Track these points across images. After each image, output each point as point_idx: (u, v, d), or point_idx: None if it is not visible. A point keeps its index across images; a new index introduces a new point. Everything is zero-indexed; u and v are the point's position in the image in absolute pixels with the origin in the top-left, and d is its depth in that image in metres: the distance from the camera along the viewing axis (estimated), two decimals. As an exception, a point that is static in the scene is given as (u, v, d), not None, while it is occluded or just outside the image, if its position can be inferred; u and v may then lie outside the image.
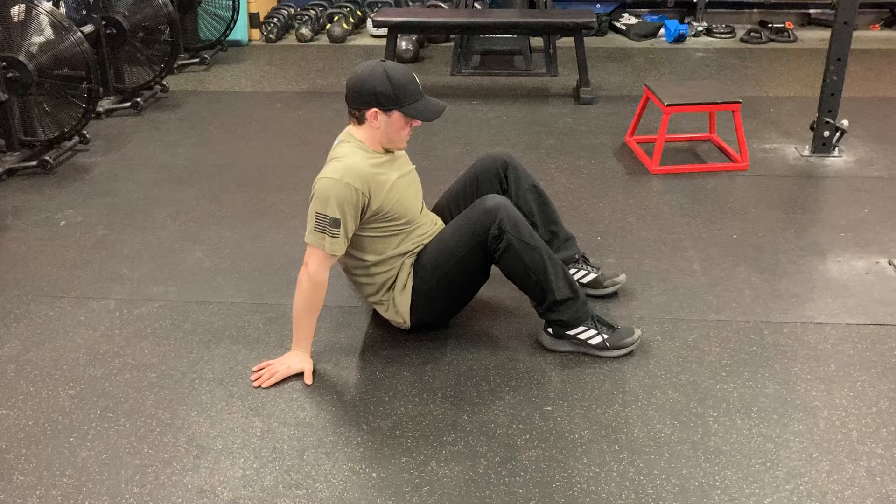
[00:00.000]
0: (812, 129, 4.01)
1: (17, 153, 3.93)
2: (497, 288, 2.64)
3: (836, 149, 4.00)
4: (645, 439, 2.13)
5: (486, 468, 2.04)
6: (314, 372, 2.39)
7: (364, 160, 2.36)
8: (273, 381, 2.35)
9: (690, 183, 3.72)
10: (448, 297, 2.53)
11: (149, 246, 3.21)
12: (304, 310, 2.37)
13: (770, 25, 6.39)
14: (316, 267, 2.32)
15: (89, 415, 2.25)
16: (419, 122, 2.40)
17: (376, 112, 2.33)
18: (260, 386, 2.34)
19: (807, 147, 4.05)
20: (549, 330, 2.50)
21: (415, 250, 2.48)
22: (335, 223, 2.28)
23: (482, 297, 2.65)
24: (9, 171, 3.85)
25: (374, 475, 2.02)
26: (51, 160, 3.90)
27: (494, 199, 2.40)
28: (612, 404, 2.27)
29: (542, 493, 1.96)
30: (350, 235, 2.34)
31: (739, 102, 3.84)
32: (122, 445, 2.13)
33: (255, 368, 2.41)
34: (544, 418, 2.22)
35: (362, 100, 2.33)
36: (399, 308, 2.49)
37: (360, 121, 2.37)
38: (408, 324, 2.52)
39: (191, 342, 2.57)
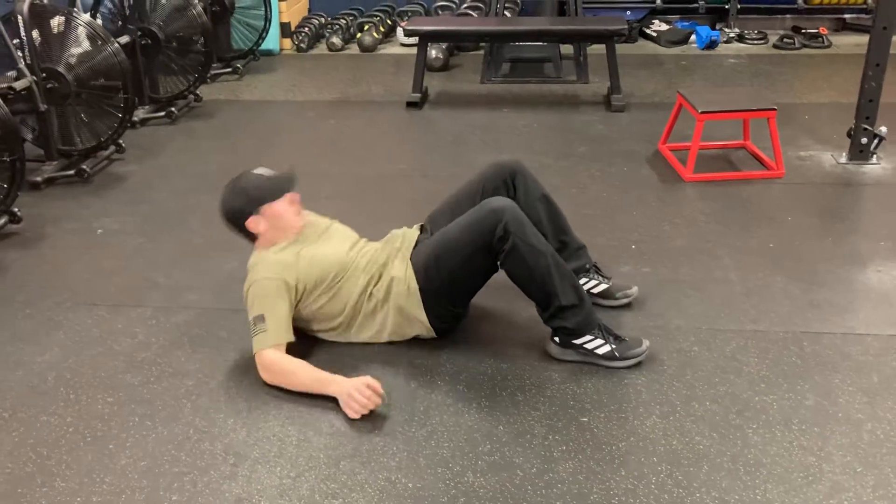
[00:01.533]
0: (849, 135, 3.95)
1: (56, 162, 4.00)
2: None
3: (874, 156, 3.94)
4: (683, 451, 2.11)
5: (522, 479, 2.03)
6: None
7: (271, 254, 2.48)
8: (367, 409, 2.25)
9: (725, 191, 3.68)
10: (458, 291, 2.52)
11: (184, 254, 3.25)
12: (294, 377, 2.33)
13: (804, 31, 6.32)
14: (269, 360, 2.35)
15: (128, 422, 2.27)
16: (297, 195, 2.56)
17: (255, 220, 2.49)
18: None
19: (843, 154, 4.00)
20: (556, 339, 2.48)
21: (377, 272, 2.49)
22: (261, 318, 2.37)
23: (518, 306, 2.63)
24: (47, 180, 3.91)
25: (409, 485, 2.02)
26: (88, 169, 3.96)
27: (500, 201, 2.41)
28: (650, 415, 2.24)
29: (579, 506, 1.94)
30: (287, 319, 2.39)
31: (775, 109, 3.80)
32: (160, 453, 2.15)
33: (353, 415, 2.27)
34: (581, 429, 2.20)
35: (239, 221, 2.52)
36: (412, 313, 2.47)
37: (254, 237, 2.53)
38: (428, 325, 2.49)
39: (226, 350, 2.58)
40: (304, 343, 2.53)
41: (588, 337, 2.43)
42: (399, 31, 6.50)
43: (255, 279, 2.44)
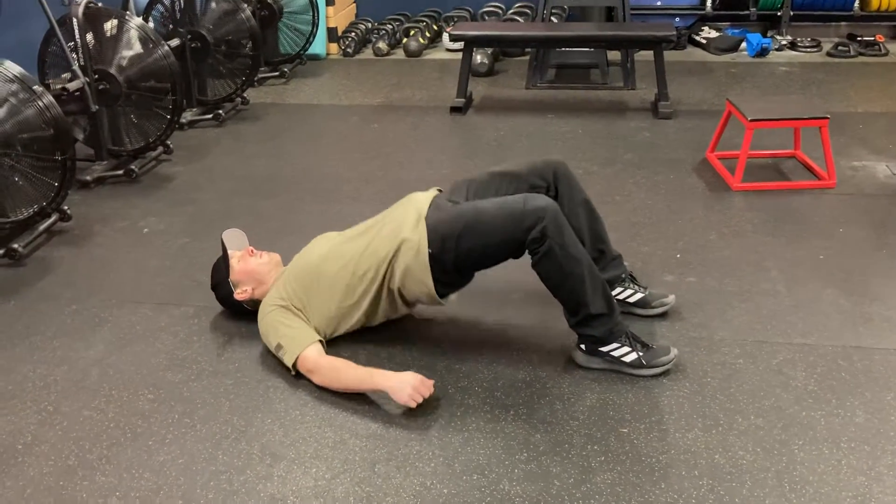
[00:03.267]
0: (906, 146, 3.84)
1: (105, 162, 4.07)
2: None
3: (932, 167, 3.81)
4: (726, 466, 2.05)
5: (559, 489, 1.99)
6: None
7: (267, 298, 2.57)
8: (420, 397, 2.24)
9: (774, 200, 3.60)
10: (469, 267, 2.45)
11: (227, 254, 3.27)
12: (343, 374, 2.34)
13: (859, 38, 6.16)
14: (311, 361, 2.37)
15: (167, 419, 2.30)
16: (245, 246, 2.70)
17: (238, 293, 2.63)
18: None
19: (899, 165, 3.88)
20: (583, 346, 2.44)
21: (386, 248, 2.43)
22: (279, 344, 2.43)
23: (556, 315, 2.59)
24: (97, 179, 4.00)
25: (444, 491, 2.00)
26: (136, 169, 4.03)
27: (544, 200, 2.33)
28: (692, 428, 2.19)
29: (617, 518, 1.90)
30: (303, 325, 2.45)
31: (827, 118, 3.70)
32: (198, 451, 2.17)
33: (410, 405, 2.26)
34: (620, 440, 2.16)
35: (235, 304, 2.69)
36: (417, 275, 2.38)
37: (251, 304, 2.65)
38: (433, 290, 2.40)
39: (266, 350, 2.59)
40: (339, 354, 2.53)
41: (615, 344, 2.39)
42: (445, 36, 6.50)
43: (259, 323, 2.55)
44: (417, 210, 2.47)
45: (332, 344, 2.52)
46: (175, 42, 4.61)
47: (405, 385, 2.25)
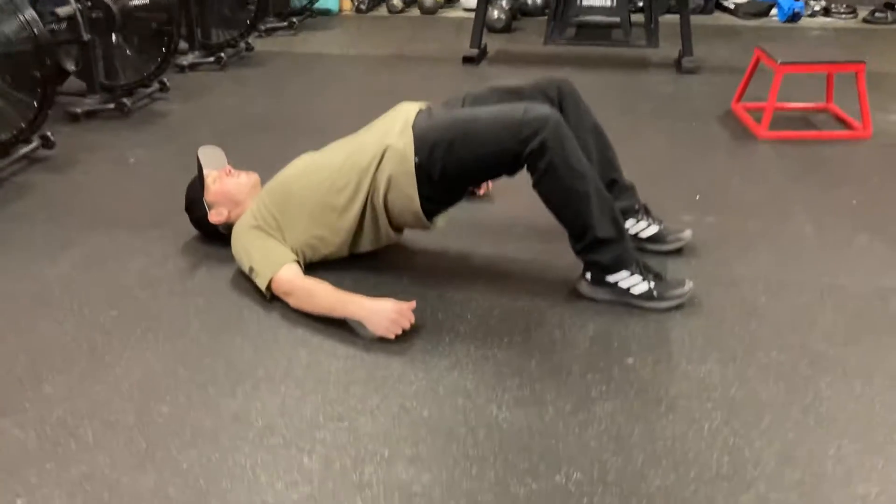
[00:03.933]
0: (948, 98, 3.57)
1: (97, 96, 3.89)
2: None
3: (976, 121, 3.54)
4: (743, 399, 1.82)
5: (553, 417, 1.77)
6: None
7: (242, 220, 2.35)
8: (401, 328, 2.04)
9: (804, 149, 3.34)
10: (457, 181, 2.21)
11: (215, 185, 3.07)
12: (316, 298, 2.12)
13: (897, 5, 5.86)
14: (284, 283, 2.16)
15: (129, 335, 2.10)
16: (224, 166, 2.50)
17: (212, 214, 2.42)
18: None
19: (940, 119, 3.61)
20: (588, 275, 2.20)
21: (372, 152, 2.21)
22: (251, 268, 2.23)
23: (559, 241, 2.35)
24: (87, 112, 3.81)
25: (425, 413, 1.79)
26: (128, 104, 3.84)
27: (545, 110, 2.09)
28: (705, 361, 1.96)
29: (618, 447, 1.68)
30: (276, 245, 2.23)
31: (864, 62, 3.44)
32: (158, 366, 1.97)
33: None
34: (624, 370, 1.93)
35: (208, 227, 2.46)
36: (403, 189, 2.15)
37: (225, 228, 2.42)
38: (419, 206, 2.18)
39: (244, 273, 2.38)
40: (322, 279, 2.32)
41: (624, 273, 2.15)
42: (462, -5, 6.27)
43: (232, 246, 2.34)
44: (404, 117, 2.25)
45: (316, 269, 2.30)
46: (177, -22, 4.41)
47: (381, 316, 2.03)
